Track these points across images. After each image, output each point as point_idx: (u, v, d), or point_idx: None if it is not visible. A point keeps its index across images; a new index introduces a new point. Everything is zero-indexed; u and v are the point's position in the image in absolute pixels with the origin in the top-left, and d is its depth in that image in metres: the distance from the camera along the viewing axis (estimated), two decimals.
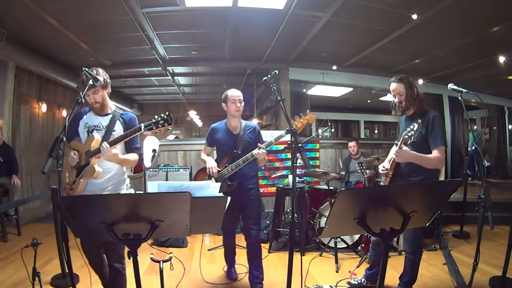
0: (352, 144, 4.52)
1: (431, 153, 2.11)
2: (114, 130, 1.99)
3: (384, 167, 2.28)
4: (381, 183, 2.37)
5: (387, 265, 1.45)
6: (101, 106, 2.01)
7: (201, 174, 2.70)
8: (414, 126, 1.96)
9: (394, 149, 2.12)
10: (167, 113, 1.82)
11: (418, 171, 2.13)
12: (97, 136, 1.92)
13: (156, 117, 1.80)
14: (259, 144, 2.40)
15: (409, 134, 1.96)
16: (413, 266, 2.30)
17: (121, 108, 2.11)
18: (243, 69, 6.50)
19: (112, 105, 2.08)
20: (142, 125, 1.84)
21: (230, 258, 2.90)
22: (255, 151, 2.37)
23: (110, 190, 1.99)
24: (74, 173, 1.93)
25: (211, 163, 2.49)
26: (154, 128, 1.81)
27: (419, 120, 1.98)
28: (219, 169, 2.49)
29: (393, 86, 2.26)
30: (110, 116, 2.01)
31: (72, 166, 1.93)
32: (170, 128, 1.84)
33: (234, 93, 2.56)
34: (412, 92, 2.21)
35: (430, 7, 3.75)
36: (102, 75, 1.94)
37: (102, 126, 1.98)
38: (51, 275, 2.71)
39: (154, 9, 3.98)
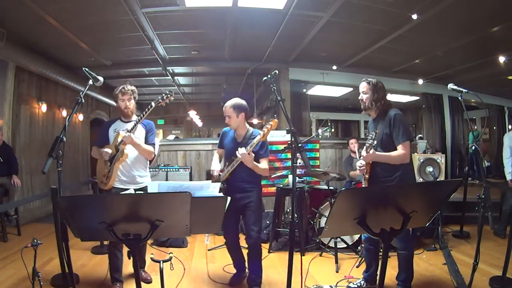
0: (352, 141, 4.71)
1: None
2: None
3: (361, 163, 2.41)
4: (362, 185, 2.50)
5: (386, 265, 1.45)
6: (130, 112, 2.61)
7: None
8: (372, 135, 2.18)
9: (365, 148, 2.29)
10: (169, 89, 2.44)
11: (391, 170, 2.28)
12: (122, 132, 2.42)
13: (162, 95, 2.46)
14: (242, 147, 2.34)
15: (370, 142, 2.19)
16: (407, 262, 2.34)
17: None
18: (243, 69, 6.49)
19: (135, 115, 2.66)
20: (152, 103, 2.44)
21: (238, 262, 2.74)
22: (237, 152, 2.33)
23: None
24: (108, 165, 2.47)
25: (212, 166, 2.70)
26: (161, 101, 2.45)
27: (375, 132, 2.20)
28: (220, 173, 2.62)
29: (361, 84, 2.47)
30: (133, 122, 2.53)
31: (106, 160, 2.46)
32: (172, 99, 2.47)
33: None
34: (376, 96, 2.38)
35: (430, 7, 3.75)
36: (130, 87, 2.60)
37: (128, 130, 2.47)
38: (51, 275, 2.70)
39: (154, 9, 3.98)
